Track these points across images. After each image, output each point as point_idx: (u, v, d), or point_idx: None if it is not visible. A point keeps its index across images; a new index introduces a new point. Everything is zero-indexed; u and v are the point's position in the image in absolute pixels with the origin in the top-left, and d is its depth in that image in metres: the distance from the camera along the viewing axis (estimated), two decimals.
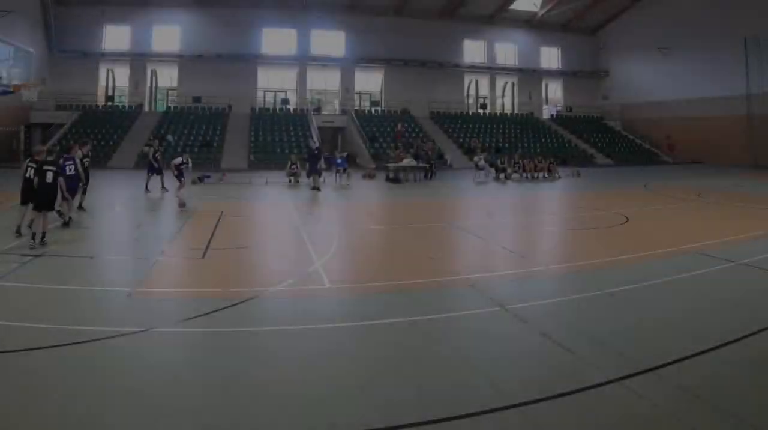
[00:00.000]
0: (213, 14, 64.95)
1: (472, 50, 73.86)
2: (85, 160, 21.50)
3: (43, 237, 15.70)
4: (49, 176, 16.34)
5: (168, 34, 65.33)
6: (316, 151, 35.55)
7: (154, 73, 67.05)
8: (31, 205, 16.25)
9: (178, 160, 25.05)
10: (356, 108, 68.79)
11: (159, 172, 30.99)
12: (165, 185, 30.25)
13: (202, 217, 22.08)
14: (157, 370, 7.81)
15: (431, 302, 11.13)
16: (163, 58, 65.55)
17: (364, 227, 21.52)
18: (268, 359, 8.29)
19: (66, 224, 18.74)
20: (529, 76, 75.98)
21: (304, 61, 68.63)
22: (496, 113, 74.39)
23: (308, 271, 13.62)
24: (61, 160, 18.63)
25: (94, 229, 19.41)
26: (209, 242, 16.91)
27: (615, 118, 75.27)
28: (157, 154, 31.44)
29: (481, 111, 73.81)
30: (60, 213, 18.78)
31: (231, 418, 6.51)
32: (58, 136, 53.34)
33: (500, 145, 60.83)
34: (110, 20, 63.74)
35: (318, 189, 32.83)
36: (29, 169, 16.49)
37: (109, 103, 64.96)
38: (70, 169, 18.71)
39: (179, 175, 24.72)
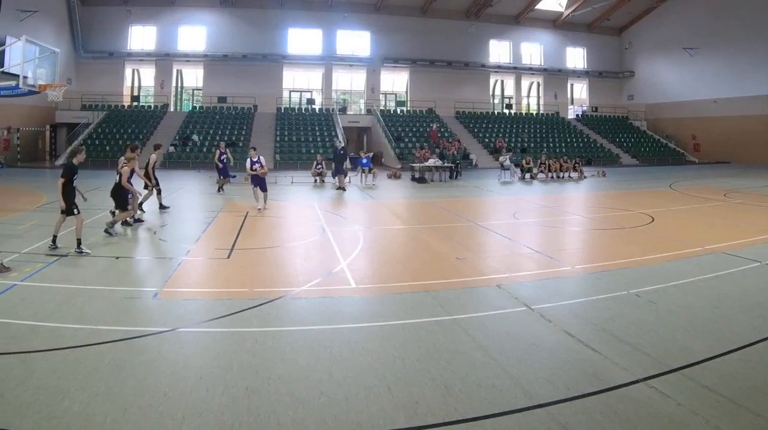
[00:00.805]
0: (239, 14, 65.22)
1: (498, 50, 73.61)
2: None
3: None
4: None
5: (194, 34, 65.66)
6: (341, 151, 35.56)
7: (179, 73, 67.52)
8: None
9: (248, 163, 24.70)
10: (382, 108, 68.72)
11: (226, 173, 30.96)
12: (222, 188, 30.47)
13: (228, 217, 22.18)
14: (183, 370, 7.85)
15: (457, 302, 11.11)
16: (189, 58, 65.82)
17: (390, 227, 21.56)
18: (293, 359, 8.29)
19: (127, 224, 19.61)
20: (555, 76, 75.75)
21: (329, 61, 68.61)
22: (521, 113, 74.22)
23: (334, 271, 13.70)
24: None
25: (123, 228, 19.48)
26: (235, 242, 17.07)
27: (640, 118, 74.81)
28: (223, 157, 31.43)
29: (506, 111, 73.62)
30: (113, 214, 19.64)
31: (256, 418, 6.57)
32: (83, 136, 53.92)
33: (526, 145, 60.75)
34: (136, 20, 64.17)
35: (343, 189, 32.87)
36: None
37: (135, 104, 65.60)
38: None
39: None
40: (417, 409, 6.79)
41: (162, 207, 22.54)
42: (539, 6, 70.24)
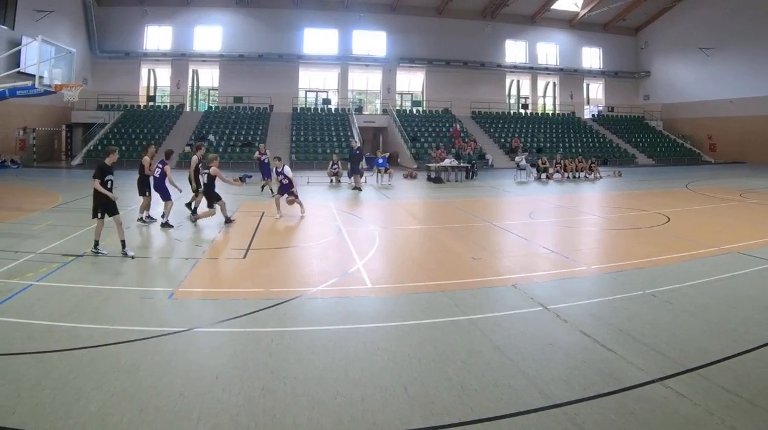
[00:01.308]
0: (254, 14, 65.39)
1: (514, 50, 73.47)
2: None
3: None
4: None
5: (209, 34, 65.79)
6: (357, 152, 35.60)
7: (195, 73, 67.81)
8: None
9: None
10: (397, 108, 68.78)
11: (268, 174, 30.91)
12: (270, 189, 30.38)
13: (244, 217, 22.22)
14: (199, 370, 7.88)
15: (473, 301, 11.11)
16: (205, 58, 66.02)
17: (406, 227, 21.54)
18: (309, 359, 8.30)
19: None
20: (571, 76, 75.56)
21: (345, 61, 68.65)
22: (537, 113, 74.14)
23: (350, 271, 13.73)
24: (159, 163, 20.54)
25: (137, 228, 19.58)
26: (250, 242, 17.12)
27: (656, 118, 74.58)
28: (263, 157, 31.45)
29: (522, 111, 73.58)
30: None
31: (272, 418, 6.60)
32: (99, 136, 54.20)
33: (541, 145, 60.64)
34: (152, 20, 64.46)
35: (359, 189, 32.92)
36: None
37: (151, 103, 65.90)
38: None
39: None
40: (433, 409, 6.81)
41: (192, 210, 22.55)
42: (555, 6, 70.08)
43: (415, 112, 69.30)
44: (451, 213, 24.54)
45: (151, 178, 20.54)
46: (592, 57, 76.72)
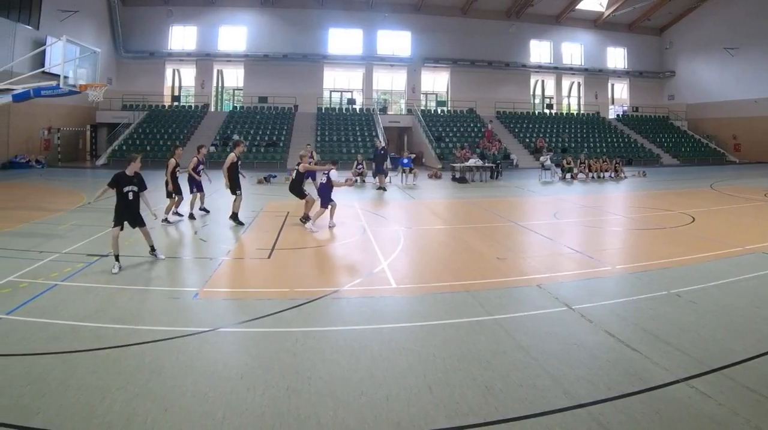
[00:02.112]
0: (279, 14, 65.58)
1: (539, 50, 73.19)
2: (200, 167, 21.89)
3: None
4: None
5: (234, 34, 66.06)
6: (382, 152, 35.62)
7: (220, 73, 68.07)
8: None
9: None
10: (422, 108, 68.68)
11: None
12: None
13: (269, 217, 22.31)
14: (223, 370, 7.92)
15: (498, 302, 11.10)
16: (230, 58, 66.27)
17: (430, 227, 21.53)
18: (334, 359, 8.32)
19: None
20: (595, 76, 75.18)
21: (370, 61, 68.68)
22: (562, 113, 73.91)
23: (374, 271, 13.74)
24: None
25: (162, 228, 19.65)
26: (275, 242, 17.13)
27: (681, 118, 74.00)
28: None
29: (547, 111, 73.31)
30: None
31: (296, 418, 6.62)
32: (124, 136, 54.62)
33: (566, 145, 60.44)
34: (176, 20, 64.83)
35: (384, 189, 32.94)
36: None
37: (175, 104, 66.24)
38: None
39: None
40: (458, 409, 6.81)
41: (203, 209, 22.62)
42: (580, 6, 69.79)
43: (439, 112, 69.20)
44: (475, 213, 24.52)
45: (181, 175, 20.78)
46: (616, 57, 76.31)
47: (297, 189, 20.73)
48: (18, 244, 14.56)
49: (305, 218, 20.30)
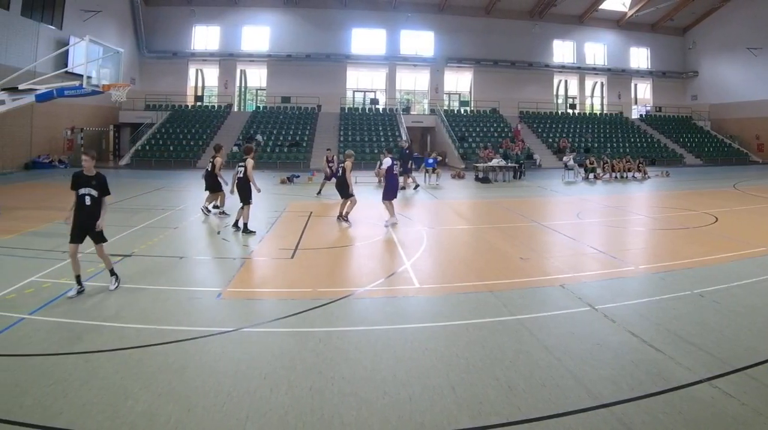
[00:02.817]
0: (302, 14, 65.75)
1: (562, 50, 73.08)
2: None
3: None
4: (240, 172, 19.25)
5: (257, 34, 66.30)
6: (407, 151, 35.63)
7: (243, 73, 68.35)
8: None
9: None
10: (445, 108, 68.77)
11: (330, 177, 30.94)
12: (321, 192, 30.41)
13: (291, 217, 22.37)
14: (247, 370, 7.95)
15: (521, 302, 11.12)
16: (253, 58, 66.52)
17: (454, 227, 21.54)
18: (357, 359, 8.36)
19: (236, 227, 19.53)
20: (619, 76, 74.91)
21: (393, 61, 68.74)
22: (585, 113, 73.66)
23: (398, 271, 13.80)
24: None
25: (185, 228, 19.80)
26: (298, 242, 17.19)
27: (704, 118, 73.58)
28: (331, 164, 31.61)
29: (570, 111, 73.24)
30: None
31: (320, 418, 6.65)
32: (147, 136, 54.91)
33: (589, 145, 60.30)
34: (199, 20, 65.17)
35: (417, 185, 33.05)
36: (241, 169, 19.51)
37: (198, 104, 66.58)
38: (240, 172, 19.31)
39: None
40: (481, 409, 6.82)
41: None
42: (603, 6, 69.55)
43: (462, 112, 69.23)
44: (498, 213, 24.54)
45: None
46: (639, 57, 76.01)
47: (345, 188, 20.95)
48: (41, 244, 14.60)
49: (344, 218, 20.67)
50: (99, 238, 12.04)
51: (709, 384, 7.38)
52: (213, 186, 21.99)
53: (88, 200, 11.91)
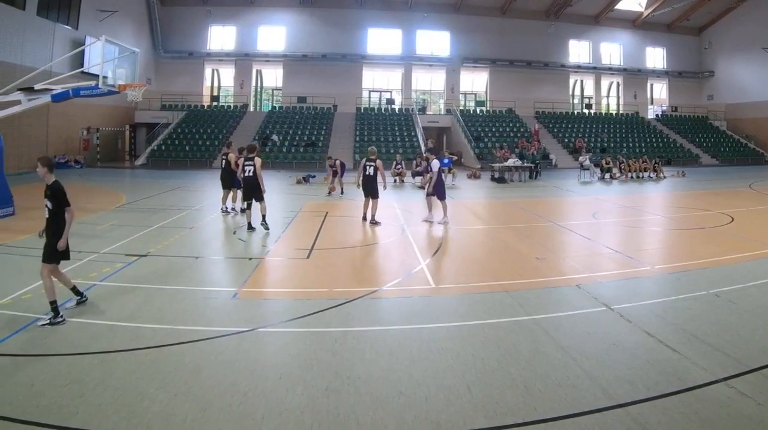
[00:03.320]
0: (318, 14, 65.81)
1: (578, 50, 72.93)
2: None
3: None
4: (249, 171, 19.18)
5: (273, 34, 66.47)
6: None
7: (259, 73, 68.41)
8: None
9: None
10: (461, 108, 68.65)
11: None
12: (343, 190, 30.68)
13: (307, 217, 22.41)
14: (262, 370, 7.98)
15: (537, 302, 11.15)
16: (269, 58, 66.63)
17: (470, 227, 21.52)
18: (373, 359, 8.38)
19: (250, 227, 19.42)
20: (635, 76, 74.73)
21: (409, 61, 68.75)
22: (601, 113, 73.49)
23: (413, 271, 13.79)
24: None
25: (200, 228, 19.83)
26: (314, 242, 17.21)
27: (720, 118, 73.31)
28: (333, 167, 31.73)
29: (586, 111, 73.05)
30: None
31: (335, 418, 6.66)
32: (163, 136, 55.12)
33: (605, 145, 60.19)
34: (215, 20, 65.47)
35: (423, 188, 33.09)
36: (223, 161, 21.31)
37: (214, 104, 66.74)
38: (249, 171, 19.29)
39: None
40: (497, 409, 6.83)
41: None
42: (619, 6, 69.42)
43: (478, 112, 69.21)
44: (514, 213, 24.57)
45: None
46: (655, 57, 75.79)
47: (374, 188, 20.94)
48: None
49: (372, 219, 20.68)
50: (46, 255, 10.29)
51: (725, 384, 7.37)
52: (230, 182, 22.07)
53: (46, 213, 10.50)
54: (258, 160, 19.04)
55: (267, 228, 18.74)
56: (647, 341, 8.92)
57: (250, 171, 18.91)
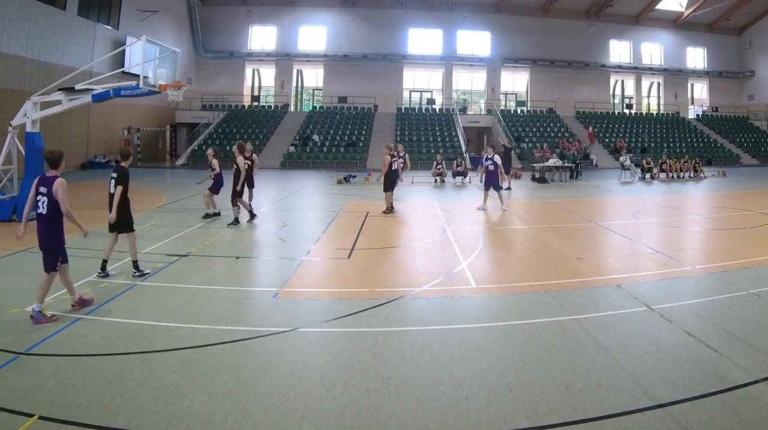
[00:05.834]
0: (359, 14, 66.17)
1: (618, 50, 72.63)
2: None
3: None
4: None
5: (314, 34, 66.87)
6: (507, 151, 35.73)
7: (299, 73, 69.01)
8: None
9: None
10: (502, 108, 68.55)
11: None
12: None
13: (348, 217, 22.45)
14: (303, 370, 7.97)
15: (578, 302, 11.09)
16: (309, 58, 67.17)
17: (510, 227, 21.47)
18: (413, 359, 8.35)
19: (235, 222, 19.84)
20: (675, 76, 74.24)
21: (449, 61, 68.88)
22: (641, 113, 73.18)
23: (454, 271, 13.77)
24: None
25: (241, 228, 19.92)
26: (355, 242, 17.23)
27: (760, 118, 72.45)
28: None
29: (626, 111, 72.77)
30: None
31: (376, 418, 6.66)
32: (203, 136, 55.62)
33: (646, 145, 59.89)
34: (256, 20, 66.05)
35: (509, 189, 33.06)
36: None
37: (255, 104, 67.34)
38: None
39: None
40: (537, 409, 6.80)
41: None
42: (659, 6, 69.09)
43: (519, 112, 69.13)
44: (555, 213, 24.49)
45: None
46: (696, 57, 75.21)
47: (389, 182, 21.74)
48: (98, 244, 14.67)
49: (389, 210, 21.43)
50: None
51: (766, 384, 7.32)
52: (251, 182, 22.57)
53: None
54: (240, 159, 19.64)
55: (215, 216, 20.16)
56: (688, 341, 8.86)
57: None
